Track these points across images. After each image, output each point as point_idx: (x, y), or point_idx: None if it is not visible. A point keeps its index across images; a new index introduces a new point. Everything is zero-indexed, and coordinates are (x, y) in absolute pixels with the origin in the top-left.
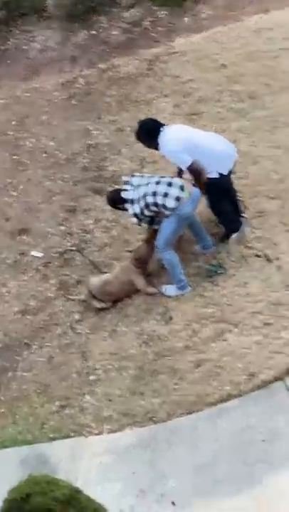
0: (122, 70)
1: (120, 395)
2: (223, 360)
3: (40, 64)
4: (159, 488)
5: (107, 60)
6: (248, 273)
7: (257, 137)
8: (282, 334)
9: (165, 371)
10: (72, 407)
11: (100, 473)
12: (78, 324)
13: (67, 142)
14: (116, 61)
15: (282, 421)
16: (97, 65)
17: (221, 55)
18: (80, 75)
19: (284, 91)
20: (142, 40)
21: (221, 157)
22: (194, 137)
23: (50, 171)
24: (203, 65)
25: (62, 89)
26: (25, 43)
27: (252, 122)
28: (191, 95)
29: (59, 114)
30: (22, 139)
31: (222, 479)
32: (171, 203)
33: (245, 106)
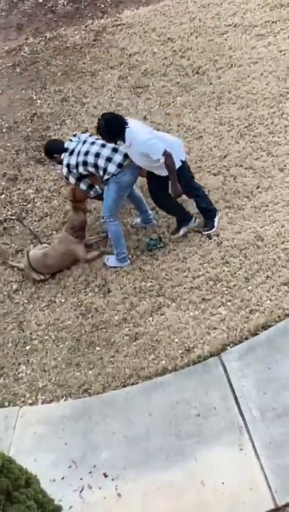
0: (69, 40)
1: (56, 365)
2: (160, 334)
3: None
4: (92, 459)
5: (54, 30)
6: (187, 248)
7: (201, 113)
8: (220, 310)
9: (101, 343)
10: (6, 376)
11: (33, 444)
12: (16, 294)
13: (10, 110)
14: (62, 31)
15: (217, 397)
16: (44, 34)
17: (168, 29)
18: (26, 44)
19: (230, 68)
20: (90, 10)
21: (174, 145)
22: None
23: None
24: (150, 38)
25: (7, 57)
26: None
27: (197, 97)
28: (137, 68)
29: (3, 82)
30: None
31: (154, 453)
32: (112, 168)
33: (191, 81)
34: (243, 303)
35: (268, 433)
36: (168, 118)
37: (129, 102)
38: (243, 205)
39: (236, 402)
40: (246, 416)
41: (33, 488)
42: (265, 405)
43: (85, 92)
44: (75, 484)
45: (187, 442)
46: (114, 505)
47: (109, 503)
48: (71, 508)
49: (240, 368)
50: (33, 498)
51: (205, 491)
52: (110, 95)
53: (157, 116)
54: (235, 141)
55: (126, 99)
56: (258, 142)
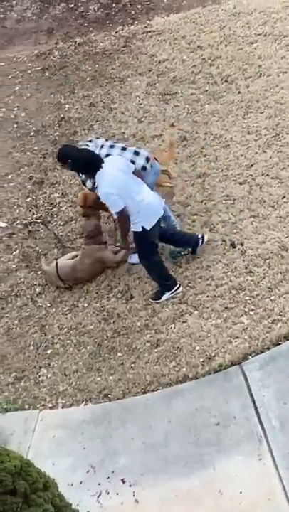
0: (98, 46)
1: (77, 370)
2: (181, 341)
3: (16, 34)
4: (110, 465)
5: (84, 35)
6: (211, 256)
7: (229, 121)
8: (242, 319)
9: (123, 349)
10: (27, 379)
11: (52, 447)
12: (39, 297)
13: (38, 114)
14: (92, 36)
15: (237, 406)
16: (74, 38)
17: (198, 37)
18: (56, 48)
19: (259, 77)
20: (120, 16)
21: (147, 211)
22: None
23: (19, 142)
24: (179, 45)
25: (37, 61)
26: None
27: (225, 106)
28: (166, 75)
29: (32, 86)
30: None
31: (173, 460)
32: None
33: (219, 89)
34: (265, 313)
35: (287, 444)
36: (195, 126)
37: (156, 108)
38: (268, 214)
39: (256, 412)
40: (266, 426)
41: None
42: (285, 415)
43: (113, 98)
44: (92, 489)
45: (206, 450)
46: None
47: (126, 509)
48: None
49: (261, 378)
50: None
51: (222, 499)
52: (138, 101)
53: (185, 124)
54: (262, 151)
55: (154, 106)
56: (285, 152)
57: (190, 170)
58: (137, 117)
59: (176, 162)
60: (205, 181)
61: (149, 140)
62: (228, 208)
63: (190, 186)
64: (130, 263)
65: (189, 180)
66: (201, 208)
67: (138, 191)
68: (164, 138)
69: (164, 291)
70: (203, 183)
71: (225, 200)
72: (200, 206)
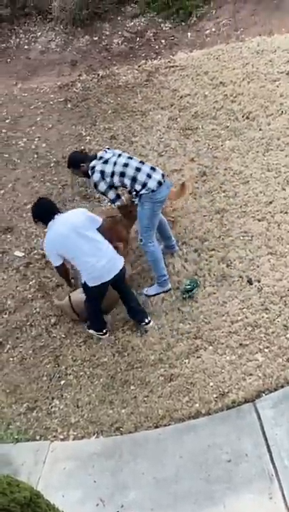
0: (121, 79)
1: (89, 402)
2: (195, 376)
3: (40, 65)
4: (119, 499)
5: (107, 68)
6: (227, 292)
7: (249, 158)
8: (256, 356)
9: (136, 382)
10: (39, 410)
11: (62, 479)
12: (54, 328)
13: (59, 145)
14: (116, 69)
15: (249, 443)
16: (97, 71)
17: (221, 73)
18: (79, 80)
19: (280, 115)
20: (144, 51)
21: (92, 273)
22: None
23: (39, 173)
24: (202, 81)
25: (59, 92)
26: (27, 43)
27: (245, 142)
28: (188, 110)
29: (53, 117)
30: (14, 138)
31: (183, 496)
32: (153, 184)
33: (240, 125)
34: (280, 350)
35: None
36: (216, 161)
37: (177, 143)
38: (286, 252)
39: (268, 450)
40: (277, 464)
41: None
42: None
43: (134, 131)
44: None
45: (217, 487)
46: None
47: None
48: None
49: (274, 416)
50: None
51: None
52: (159, 135)
53: (205, 159)
54: (281, 188)
55: (174, 140)
56: None
57: (209, 205)
58: (158, 151)
59: (195, 197)
60: (223, 217)
61: (169, 174)
62: (246, 245)
63: (208, 221)
64: (146, 295)
65: (208, 215)
66: (218, 243)
67: (89, 253)
68: (183, 172)
69: (90, 328)
70: (222, 219)
71: (243, 236)
72: (218, 242)
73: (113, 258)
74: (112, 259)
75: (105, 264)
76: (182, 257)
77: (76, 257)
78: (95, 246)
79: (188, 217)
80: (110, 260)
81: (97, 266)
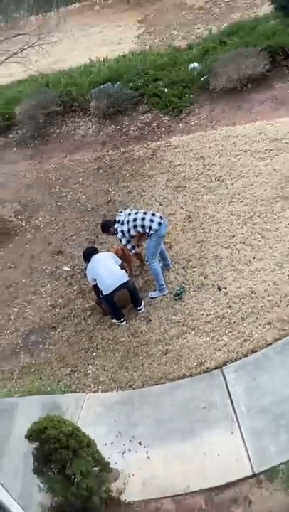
0: (135, 154)
1: (112, 367)
2: (182, 351)
3: (81, 144)
4: (131, 432)
5: (126, 146)
6: (204, 295)
7: (220, 206)
8: (223, 338)
9: (143, 355)
10: (79, 372)
11: (93, 419)
12: (89, 318)
13: (93, 197)
14: (132, 147)
15: (218, 396)
16: (119, 148)
17: (201, 150)
18: (107, 154)
19: (240, 178)
20: (150, 135)
21: (105, 284)
22: (99, 270)
23: (80, 215)
24: (188, 155)
25: (94, 162)
26: (73, 129)
27: (217, 196)
28: (179, 174)
29: (90, 178)
30: (65, 192)
31: (174, 430)
32: (155, 225)
33: (214, 185)
34: (239, 334)
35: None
36: (197, 208)
37: (172, 196)
38: (243, 269)
39: (231, 401)
40: (237, 411)
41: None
42: (251, 404)
43: (143, 188)
44: (119, 448)
45: (196, 426)
46: (145, 464)
47: (141, 462)
48: (116, 463)
49: (235, 378)
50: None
51: (206, 459)
52: (160, 191)
53: (190, 207)
54: (240, 227)
55: (170, 194)
56: (255, 228)
57: (192, 238)
58: (159, 201)
59: (183, 232)
60: (202, 245)
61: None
62: (217, 264)
63: (192, 248)
64: (150, 297)
65: (191, 244)
66: (198, 263)
67: (106, 276)
68: (176, 216)
69: (113, 318)
70: (201, 247)
71: (215, 258)
72: (198, 262)
73: (120, 276)
74: (119, 276)
75: (113, 280)
76: (174, 272)
77: (99, 280)
78: (111, 271)
79: (178, 245)
80: (117, 277)
81: (108, 283)
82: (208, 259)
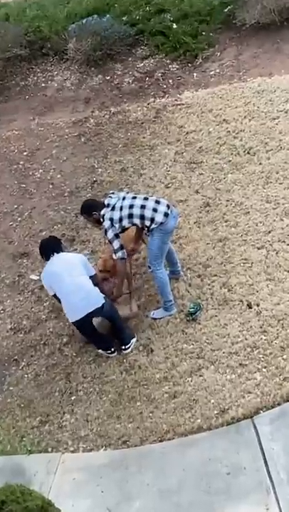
0: (131, 116)
1: (98, 416)
2: (197, 394)
3: (56, 102)
4: (125, 508)
5: (118, 105)
6: (228, 315)
7: (250, 190)
8: (255, 375)
9: (142, 399)
10: (51, 423)
11: (72, 489)
12: (66, 346)
13: (73, 176)
14: (126, 106)
15: (247, 457)
16: (109, 108)
17: (224, 111)
18: (92, 116)
19: (279, 150)
20: (153, 89)
21: (68, 307)
22: (60, 282)
23: (54, 202)
24: (206, 118)
25: (74, 127)
26: (44, 81)
27: (246, 176)
28: (193, 145)
29: (68, 150)
30: (31, 170)
31: (185, 506)
32: (160, 218)
33: (242, 160)
34: (277, 370)
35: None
36: (218, 193)
37: (183, 175)
38: (284, 278)
39: (265, 464)
40: (274, 478)
41: None
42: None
43: (142, 164)
44: None
45: (216, 499)
46: None
47: None
48: None
49: (271, 432)
50: None
51: None
52: (166, 168)
53: (208, 191)
54: (279, 219)
55: (180, 173)
56: None
57: (212, 234)
58: (164, 183)
59: (199, 226)
60: (225, 245)
61: (175, 204)
62: (246, 271)
63: (211, 249)
64: (152, 318)
65: (211, 243)
66: (220, 269)
67: (71, 291)
68: (188, 203)
69: (98, 347)
70: (224, 247)
71: (243, 263)
72: (220, 268)
73: (92, 296)
74: (90, 296)
75: (81, 302)
76: (186, 282)
77: (60, 292)
78: (78, 287)
79: (192, 245)
80: (88, 299)
81: (73, 302)
82: (234, 264)
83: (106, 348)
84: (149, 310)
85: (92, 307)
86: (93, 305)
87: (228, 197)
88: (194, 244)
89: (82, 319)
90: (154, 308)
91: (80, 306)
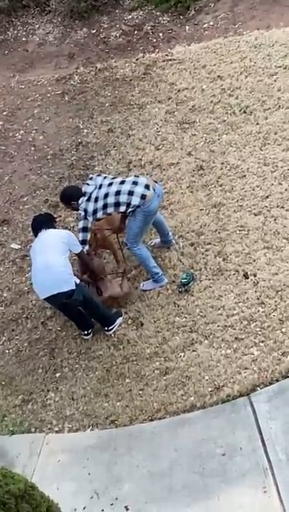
0: (119, 72)
1: (84, 394)
2: (190, 370)
3: (37, 57)
4: (114, 491)
5: (105, 60)
6: (223, 286)
7: (246, 152)
8: (252, 350)
9: (131, 375)
10: (35, 402)
11: (56, 472)
12: (49, 320)
13: (56, 138)
14: (113, 62)
15: (244, 437)
16: (94, 64)
17: (218, 67)
18: (76, 73)
19: (277, 109)
20: (142, 44)
21: (37, 285)
22: (32, 259)
23: (36, 165)
24: (199, 74)
25: (57, 85)
26: (25, 35)
27: (243, 137)
28: (185, 104)
29: (51, 110)
30: (12, 131)
31: (177, 488)
32: (136, 201)
33: (238, 120)
34: (275, 344)
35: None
36: (212, 155)
37: (174, 136)
38: (282, 246)
39: (263, 444)
40: (272, 458)
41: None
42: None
43: (131, 125)
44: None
45: (211, 481)
46: None
47: None
48: None
49: (268, 410)
50: None
51: None
52: (156, 129)
53: (202, 153)
54: (278, 183)
55: (172, 134)
56: None
57: (205, 199)
58: (155, 145)
59: (191, 191)
60: (220, 211)
61: (166, 168)
62: (242, 239)
63: (205, 215)
64: (142, 290)
65: (204, 209)
66: (215, 237)
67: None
68: (180, 166)
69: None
70: (218, 213)
71: (239, 230)
72: (214, 235)
73: (57, 279)
74: (56, 280)
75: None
76: (178, 251)
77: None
78: (47, 267)
79: (184, 211)
80: (52, 281)
81: (36, 280)
82: (230, 231)
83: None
84: (139, 281)
85: (56, 290)
86: (58, 288)
87: (223, 159)
88: (187, 210)
89: (47, 299)
90: (143, 280)
91: (43, 287)
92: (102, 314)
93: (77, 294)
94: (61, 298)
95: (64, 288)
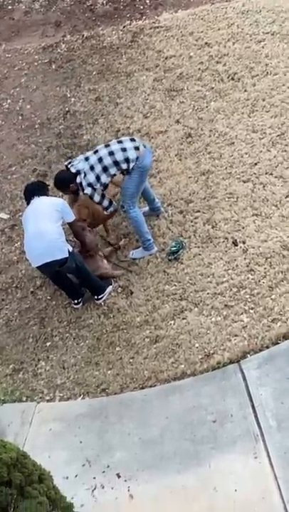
0: (106, 40)
1: (75, 363)
2: (180, 338)
3: (24, 25)
4: (105, 459)
5: (91, 28)
6: (213, 254)
7: (234, 119)
8: (242, 317)
9: (122, 344)
10: (25, 371)
11: (48, 440)
12: (39, 290)
13: (43, 107)
14: (100, 30)
15: (234, 404)
16: (81, 32)
17: (206, 34)
18: (63, 41)
19: (265, 75)
20: (128, 11)
21: (30, 253)
22: (24, 226)
23: (24, 134)
24: (187, 42)
25: (44, 53)
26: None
27: (231, 104)
28: (173, 71)
29: (38, 78)
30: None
31: (168, 456)
32: (132, 154)
33: (226, 87)
34: (265, 311)
35: (284, 443)
36: (201, 122)
37: (162, 104)
38: (271, 213)
39: (253, 411)
40: (263, 425)
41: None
42: (283, 415)
43: (119, 93)
44: (87, 483)
45: (202, 448)
46: (126, 507)
47: (120, 504)
48: (82, 506)
49: (259, 377)
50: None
51: (217, 497)
52: (144, 97)
53: (190, 121)
54: (266, 150)
55: (160, 102)
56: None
57: (194, 167)
58: (143, 113)
59: (180, 159)
60: (208, 178)
61: (154, 136)
62: (231, 206)
63: (193, 183)
64: (131, 258)
65: (193, 176)
66: (203, 205)
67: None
68: (169, 134)
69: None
70: (207, 180)
71: (228, 197)
72: (203, 203)
73: (50, 247)
74: (48, 247)
75: (37, 250)
76: (167, 219)
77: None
78: (39, 233)
79: (173, 179)
80: (45, 248)
81: (29, 248)
82: (218, 199)
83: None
84: (128, 250)
85: (49, 258)
86: (51, 256)
87: (211, 127)
88: (175, 178)
89: (40, 267)
90: (132, 248)
91: (36, 254)
92: (93, 283)
93: (70, 262)
94: (54, 266)
95: (57, 256)
